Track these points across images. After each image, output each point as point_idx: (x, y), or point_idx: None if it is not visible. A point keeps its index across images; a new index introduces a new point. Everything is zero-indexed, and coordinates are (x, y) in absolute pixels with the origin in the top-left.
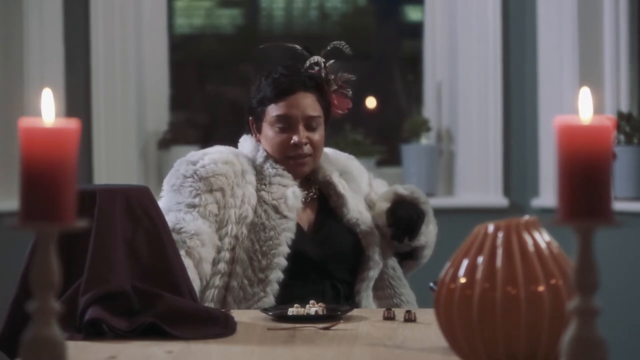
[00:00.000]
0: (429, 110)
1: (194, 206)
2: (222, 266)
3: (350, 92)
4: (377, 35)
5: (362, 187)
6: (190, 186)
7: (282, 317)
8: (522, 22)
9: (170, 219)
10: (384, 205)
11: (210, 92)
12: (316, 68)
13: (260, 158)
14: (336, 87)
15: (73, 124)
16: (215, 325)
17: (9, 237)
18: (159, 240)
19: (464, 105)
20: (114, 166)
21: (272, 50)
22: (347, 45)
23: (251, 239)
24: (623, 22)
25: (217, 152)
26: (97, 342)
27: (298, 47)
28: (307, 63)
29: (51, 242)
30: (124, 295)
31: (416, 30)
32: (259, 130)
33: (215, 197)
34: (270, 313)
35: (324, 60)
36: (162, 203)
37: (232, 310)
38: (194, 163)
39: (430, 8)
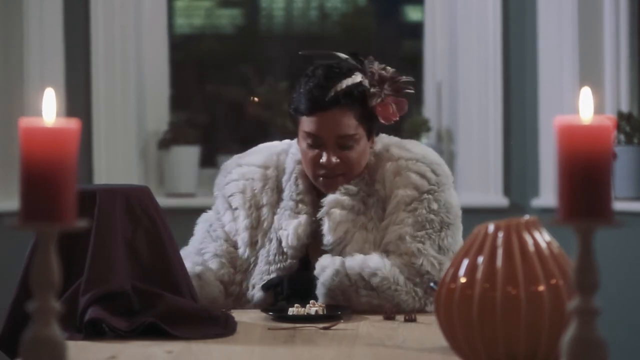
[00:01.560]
0: (429, 110)
1: (218, 220)
2: (233, 289)
3: (405, 97)
4: (377, 35)
5: (396, 212)
6: (220, 200)
7: (282, 317)
8: (522, 22)
9: (201, 228)
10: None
11: (210, 92)
12: (357, 80)
13: (287, 174)
14: (379, 99)
15: (73, 124)
16: (215, 325)
17: (9, 237)
18: (159, 240)
19: (464, 105)
20: (114, 166)
21: (272, 50)
22: (410, 81)
23: (251, 268)
24: (623, 22)
25: (247, 165)
26: (97, 342)
27: (343, 55)
28: (345, 84)
29: (51, 242)
30: (124, 295)
31: (416, 30)
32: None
33: (233, 214)
34: (271, 313)
35: (363, 76)
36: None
37: (232, 311)
38: (226, 174)
39: (430, 8)
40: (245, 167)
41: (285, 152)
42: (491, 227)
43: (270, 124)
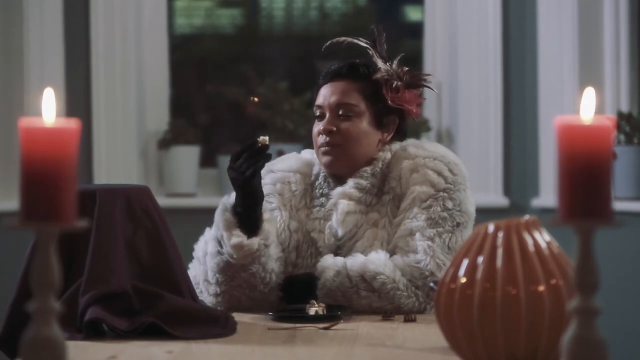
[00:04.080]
0: (429, 110)
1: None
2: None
3: (419, 91)
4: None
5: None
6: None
7: (282, 317)
8: (522, 22)
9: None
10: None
11: (210, 92)
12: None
13: (315, 175)
14: (387, 76)
15: (73, 124)
16: (215, 325)
17: (9, 237)
18: (159, 240)
19: (464, 105)
20: (114, 166)
21: (272, 50)
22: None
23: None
24: (623, 22)
25: (281, 171)
26: (97, 342)
27: (362, 40)
28: (353, 61)
29: (51, 242)
30: (124, 295)
31: (416, 30)
32: None
33: (269, 215)
34: (271, 313)
35: (368, 48)
36: None
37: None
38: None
39: (430, 8)
40: (279, 173)
41: (313, 159)
42: (491, 227)
43: (270, 124)
